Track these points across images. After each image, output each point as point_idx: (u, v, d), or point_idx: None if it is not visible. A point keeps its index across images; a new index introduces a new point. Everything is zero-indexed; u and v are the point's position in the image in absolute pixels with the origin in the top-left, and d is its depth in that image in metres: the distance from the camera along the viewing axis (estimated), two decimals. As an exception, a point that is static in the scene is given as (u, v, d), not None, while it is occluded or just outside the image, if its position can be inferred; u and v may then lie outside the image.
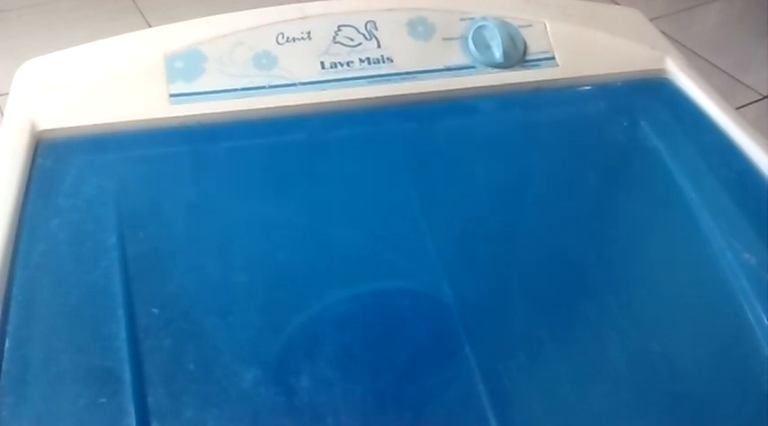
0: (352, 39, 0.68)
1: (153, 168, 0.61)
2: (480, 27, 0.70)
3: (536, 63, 0.71)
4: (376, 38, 0.69)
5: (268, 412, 0.47)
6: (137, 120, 0.63)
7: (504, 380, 0.50)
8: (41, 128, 0.61)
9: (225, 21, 0.67)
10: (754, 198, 0.62)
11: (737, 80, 1.69)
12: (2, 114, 0.64)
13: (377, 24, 0.69)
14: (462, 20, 0.71)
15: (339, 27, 0.68)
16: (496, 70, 0.70)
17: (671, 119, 0.69)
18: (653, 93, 0.72)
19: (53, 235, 0.54)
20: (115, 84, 0.64)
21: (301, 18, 0.68)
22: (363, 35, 0.68)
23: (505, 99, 0.69)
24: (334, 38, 0.68)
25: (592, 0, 0.80)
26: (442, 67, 0.69)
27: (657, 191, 0.64)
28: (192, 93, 0.64)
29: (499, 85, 0.69)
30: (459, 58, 0.69)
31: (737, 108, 1.53)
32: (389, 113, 0.67)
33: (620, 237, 0.61)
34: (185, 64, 0.65)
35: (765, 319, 0.54)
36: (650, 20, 0.81)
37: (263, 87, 0.65)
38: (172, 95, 0.63)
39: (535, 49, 0.71)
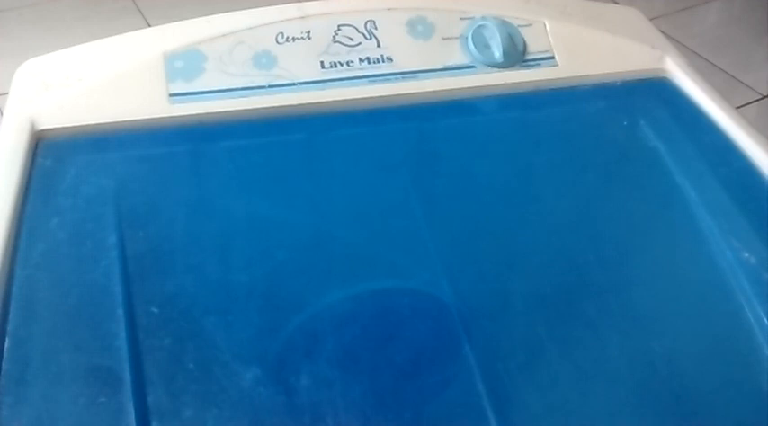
0: (351, 39, 0.68)
1: (153, 168, 0.61)
2: (480, 26, 0.70)
3: (536, 62, 0.71)
4: (376, 37, 0.69)
5: (268, 412, 0.47)
6: (136, 120, 0.62)
7: (504, 380, 0.50)
8: (41, 128, 0.61)
9: (225, 20, 0.67)
10: (754, 198, 0.62)
11: (737, 79, 1.69)
12: (1, 114, 0.64)
13: (376, 24, 0.69)
14: (462, 19, 0.71)
15: (339, 26, 0.68)
16: (496, 70, 0.70)
17: (671, 118, 0.69)
18: (653, 93, 0.72)
19: (53, 235, 0.54)
20: (115, 83, 0.64)
21: (301, 17, 0.68)
22: (363, 35, 0.68)
23: (505, 98, 0.69)
24: (334, 37, 0.68)
25: (591, 0, 0.80)
26: (441, 67, 0.69)
27: (657, 191, 0.64)
28: (192, 93, 0.64)
29: (499, 85, 0.69)
30: (458, 58, 0.69)
31: (737, 107, 1.53)
32: (389, 113, 0.67)
33: (620, 237, 0.61)
34: (185, 63, 0.64)
35: (765, 319, 0.54)
36: (650, 19, 0.81)
37: (263, 87, 0.65)
38: (171, 95, 0.63)
39: (535, 49, 0.71)
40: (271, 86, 0.65)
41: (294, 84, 0.65)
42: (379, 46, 0.68)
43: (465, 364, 0.50)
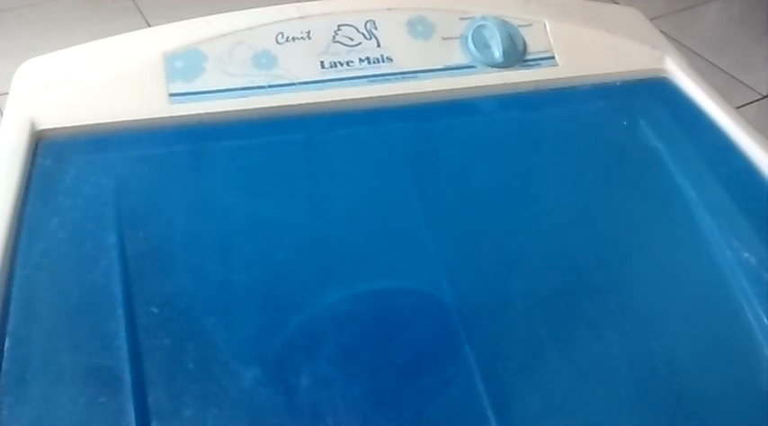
0: (351, 39, 0.68)
1: (153, 167, 0.61)
2: (480, 26, 0.70)
3: (536, 62, 0.71)
4: (376, 37, 0.69)
5: (268, 412, 0.47)
6: (136, 120, 0.62)
7: (504, 380, 0.50)
8: (41, 128, 0.61)
9: (224, 20, 0.67)
10: (754, 198, 0.62)
11: (737, 79, 1.69)
12: (1, 114, 0.64)
13: (376, 24, 0.69)
14: (462, 19, 0.71)
15: (339, 26, 0.68)
16: (496, 70, 0.70)
17: (671, 118, 0.69)
18: (652, 93, 0.72)
19: (53, 235, 0.54)
20: (115, 83, 0.64)
21: (301, 17, 0.68)
22: (363, 34, 0.68)
23: (505, 98, 0.69)
24: (334, 37, 0.68)
25: (591, 0, 0.80)
26: (441, 67, 0.69)
27: (657, 191, 0.64)
28: (192, 93, 0.64)
29: (499, 85, 0.69)
30: (458, 58, 0.69)
31: (737, 107, 1.53)
32: (389, 113, 0.67)
33: (620, 237, 0.61)
34: (185, 63, 0.64)
35: (765, 319, 0.54)
36: (650, 19, 0.81)
37: (263, 87, 0.65)
38: (171, 95, 0.63)
39: (535, 49, 0.71)
40: (271, 86, 0.65)
41: (294, 84, 0.65)
42: (379, 46, 0.68)
43: (465, 364, 0.50)
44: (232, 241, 0.57)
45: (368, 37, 0.68)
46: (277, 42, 0.67)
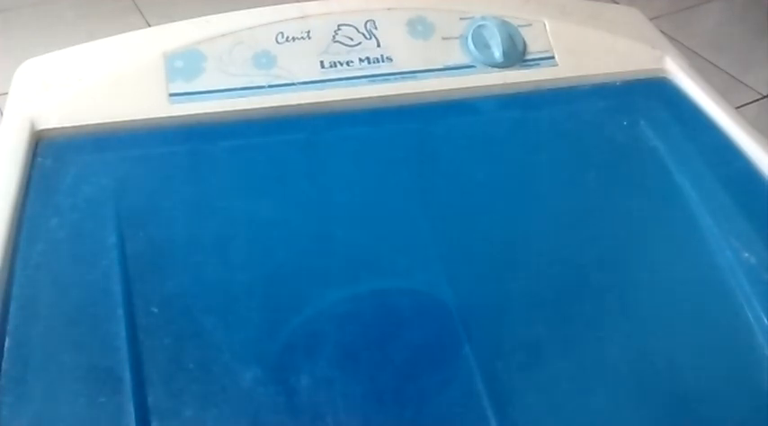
0: (351, 39, 0.68)
1: (153, 167, 0.61)
2: (480, 26, 0.70)
3: (535, 62, 0.71)
4: (375, 37, 0.69)
5: (268, 412, 0.47)
6: (136, 120, 0.62)
7: (504, 380, 0.50)
8: (41, 128, 0.61)
9: (224, 20, 0.67)
10: (753, 198, 0.62)
11: (737, 79, 1.69)
12: (1, 113, 0.64)
13: (376, 24, 0.69)
14: (462, 19, 0.71)
15: (339, 26, 0.68)
16: (496, 69, 0.70)
17: (670, 118, 0.69)
18: (652, 93, 0.72)
19: (53, 235, 0.54)
20: (115, 83, 0.64)
21: (301, 17, 0.68)
22: (363, 34, 0.68)
23: (505, 98, 0.69)
24: (334, 37, 0.68)
25: (591, 0, 0.80)
26: (441, 67, 0.69)
27: (657, 191, 0.64)
28: (192, 93, 0.64)
29: (499, 85, 0.69)
30: (458, 58, 0.69)
31: (737, 107, 1.53)
32: (389, 113, 0.67)
33: (620, 237, 0.61)
34: (185, 63, 0.64)
35: (765, 319, 0.54)
36: (650, 19, 0.81)
37: (263, 87, 0.65)
38: (171, 95, 0.63)
39: (535, 49, 0.71)
40: (271, 86, 0.65)
41: (294, 84, 0.65)
42: (378, 46, 0.68)
43: (465, 364, 0.50)
44: (232, 241, 0.57)
45: (368, 37, 0.68)
46: (277, 42, 0.67)
